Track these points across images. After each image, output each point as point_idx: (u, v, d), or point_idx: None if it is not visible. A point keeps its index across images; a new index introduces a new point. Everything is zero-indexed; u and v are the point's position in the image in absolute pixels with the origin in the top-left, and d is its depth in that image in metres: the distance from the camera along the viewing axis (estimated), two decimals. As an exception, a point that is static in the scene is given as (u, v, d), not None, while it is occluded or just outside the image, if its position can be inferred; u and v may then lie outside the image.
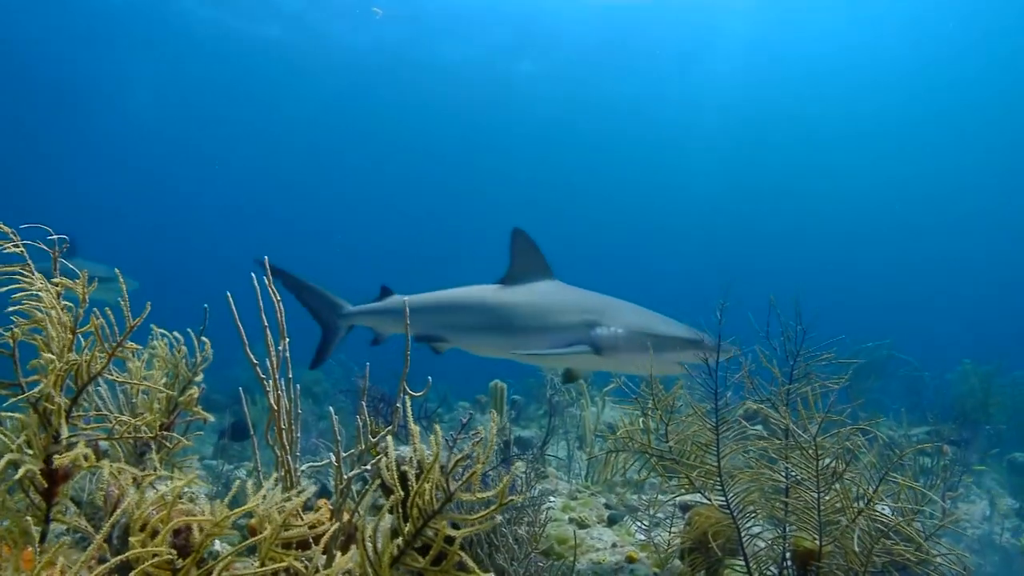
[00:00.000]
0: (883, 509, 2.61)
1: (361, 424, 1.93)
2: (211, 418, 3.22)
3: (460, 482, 1.60)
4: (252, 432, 2.39)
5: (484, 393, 9.16)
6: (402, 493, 1.70)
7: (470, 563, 1.62)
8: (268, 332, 2.08)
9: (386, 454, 1.70)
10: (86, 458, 1.70)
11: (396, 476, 1.72)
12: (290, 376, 2.14)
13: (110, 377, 2.11)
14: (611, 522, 5.05)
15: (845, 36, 31.48)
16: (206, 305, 3.18)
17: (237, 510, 1.76)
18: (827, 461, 2.42)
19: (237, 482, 1.83)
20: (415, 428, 1.69)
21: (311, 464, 2.26)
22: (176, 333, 2.99)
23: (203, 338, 3.24)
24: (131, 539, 1.82)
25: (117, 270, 2.10)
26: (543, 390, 7.20)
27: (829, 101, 37.09)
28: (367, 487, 1.99)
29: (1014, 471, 7.23)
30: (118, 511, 2.35)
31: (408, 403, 1.77)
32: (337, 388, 8.49)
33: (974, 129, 36.21)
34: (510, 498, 1.53)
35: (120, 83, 33.39)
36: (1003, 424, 8.09)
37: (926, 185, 43.02)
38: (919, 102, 35.52)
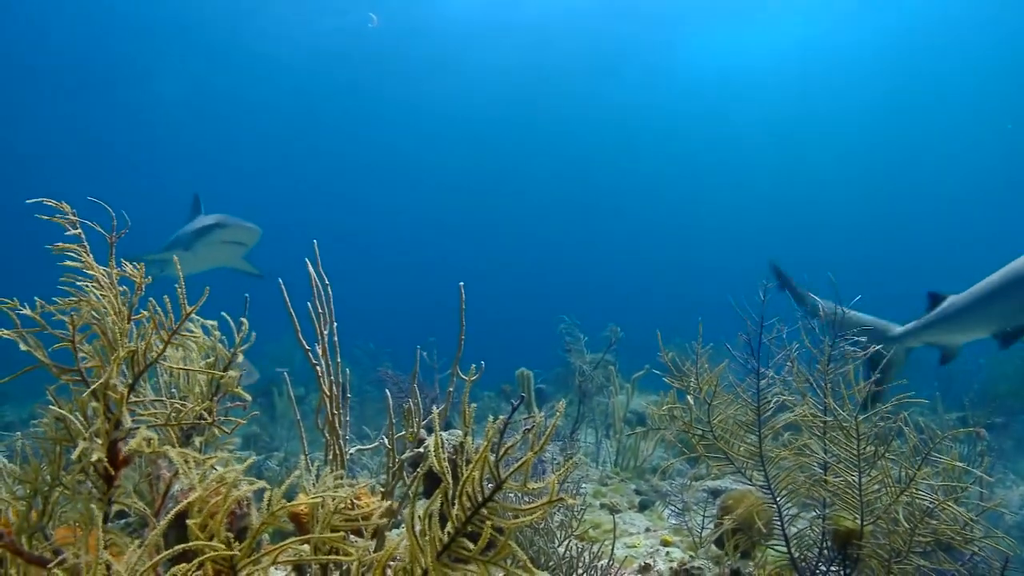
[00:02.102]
0: (923, 490, 2.60)
1: (412, 407, 1.95)
2: (249, 402, 3.29)
3: (511, 470, 1.61)
4: (299, 418, 2.43)
5: (509, 382, 9.19)
6: (451, 481, 1.71)
7: (520, 554, 1.64)
8: (317, 318, 2.12)
9: (436, 438, 1.72)
10: (149, 443, 1.74)
11: (445, 462, 1.73)
12: (338, 360, 2.18)
13: (161, 364, 2.16)
14: (642, 507, 5.08)
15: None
16: (247, 295, 3.25)
17: (292, 504, 1.79)
18: (866, 443, 2.42)
19: (296, 472, 1.86)
20: (470, 409, 1.71)
21: (359, 448, 2.30)
22: (212, 322, 3.05)
23: (243, 319, 3.30)
24: (188, 521, 1.87)
25: (175, 256, 2.15)
26: (571, 379, 7.22)
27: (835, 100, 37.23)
28: (416, 473, 2.02)
29: (1049, 456, 7.12)
30: (172, 494, 2.41)
31: (466, 387, 1.79)
32: (364, 379, 8.55)
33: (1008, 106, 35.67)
34: (561, 496, 1.54)
35: (147, 74, 33.73)
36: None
37: (961, 165, 42.51)
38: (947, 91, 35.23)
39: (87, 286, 2.14)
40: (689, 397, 2.78)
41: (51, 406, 2.07)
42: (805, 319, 2.80)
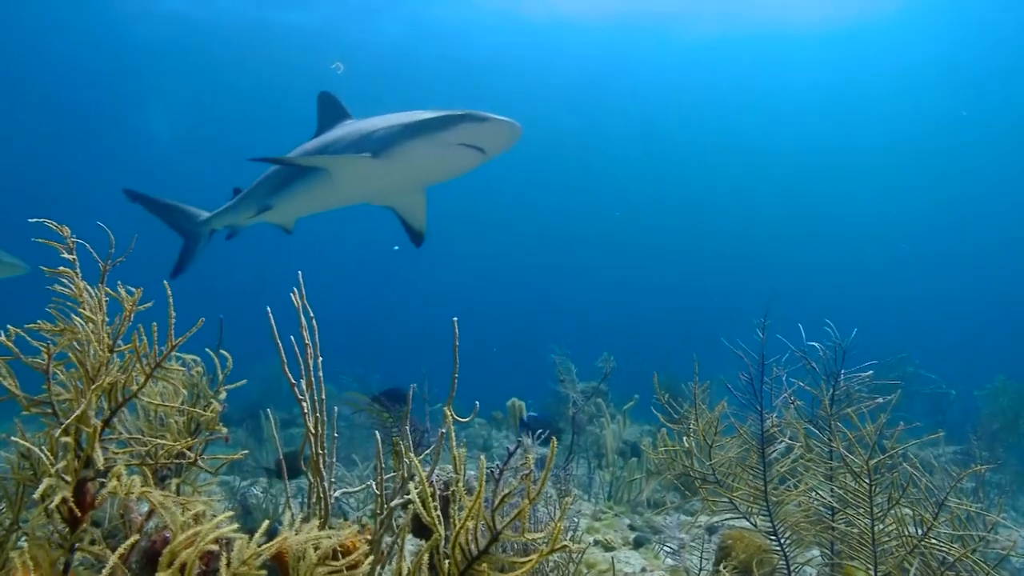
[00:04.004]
0: (935, 536, 2.50)
1: (404, 449, 1.84)
2: (231, 436, 3.15)
3: (507, 520, 1.50)
4: (282, 458, 2.31)
5: (499, 409, 9.05)
6: (442, 531, 1.60)
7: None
8: (302, 350, 2.01)
9: (419, 485, 1.60)
10: (124, 484, 1.62)
11: (436, 510, 1.62)
12: (323, 397, 2.07)
13: (140, 399, 2.04)
14: (637, 544, 4.93)
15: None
16: (221, 316, 3.10)
17: (267, 547, 1.67)
18: (879, 489, 2.32)
19: (265, 523, 1.74)
20: (459, 454, 1.60)
21: (345, 491, 2.18)
22: (194, 356, 2.92)
23: (223, 351, 3.16)
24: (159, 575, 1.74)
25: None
26: (561, 407, 7.09)
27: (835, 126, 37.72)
28: (402, 526, 1.90)
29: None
30: (138, 534, 2.27)
31: (452, 428, 1.68)
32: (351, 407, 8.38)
33: (1002, 140, 36.15)
34: (563, 543, 1.43)
35: (137, 107, 33.87)
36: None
37: (953, 198, 42.90)
38: (943, 118, 35.69)
39: (72, 316, 2.04)
40: (687, 439, 2.68)
41: (15, 437, 1.94)
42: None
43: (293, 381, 1.88)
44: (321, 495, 1.99)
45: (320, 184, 6.09)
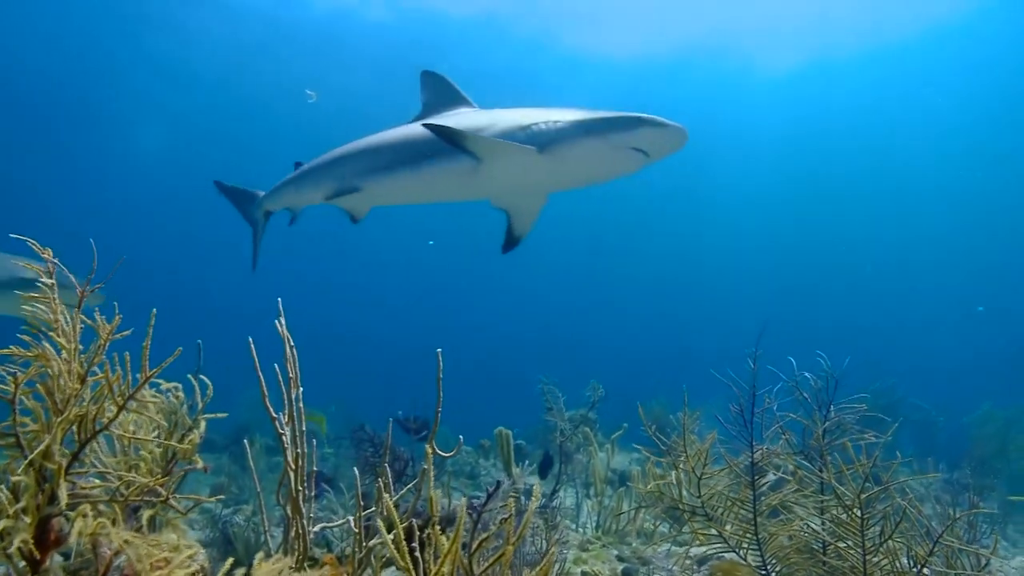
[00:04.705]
0: (927, 571, 2.45)
1: (382, 485, 1.78)
2: (210, 467, 3.06)
3: (485, 566, 1.45)
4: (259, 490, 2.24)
5: (487, 437, 8.95)
6: None
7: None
8: (285, 383, 1.95)
9: (398, 532, 1.54)
10: (89, 524, 1.55)
11: (407, 558, 1.56)
12: (303, 429, 2.01)
13: (110, 432, 1.97)
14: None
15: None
16: (199, 341, 3.02)
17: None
18: (872, 522, 2.28)
19: (230, 560, 1.67)
20: (435, 495, 1.54)
21: (324, 526, 2.11)
22: (176, 384, 2.84)
23: (203, 377, 3.07)
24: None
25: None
26: (549, 435, 7.01)
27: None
28: (385, 550, 1.83)
29: (1037, 521, 7.01)
30: (107, 570, 2.19)
31: (432, 471, 1.62)
32: (337, 434, 8.28)
33: (995, 168, 36.65)
34: None
35: (130, 116, 33.71)
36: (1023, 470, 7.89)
37: (940, 226, 43.37)
38: (941, 149, 36.26)
39: (44, 343, 1.98)
40: (675, 473, 2.63)
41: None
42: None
43: (274, 415, 1.82)
44: (300, 531, 1.93)
45: (457, 170, 5.42)
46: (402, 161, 5.67)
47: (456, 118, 5.64)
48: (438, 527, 1.38)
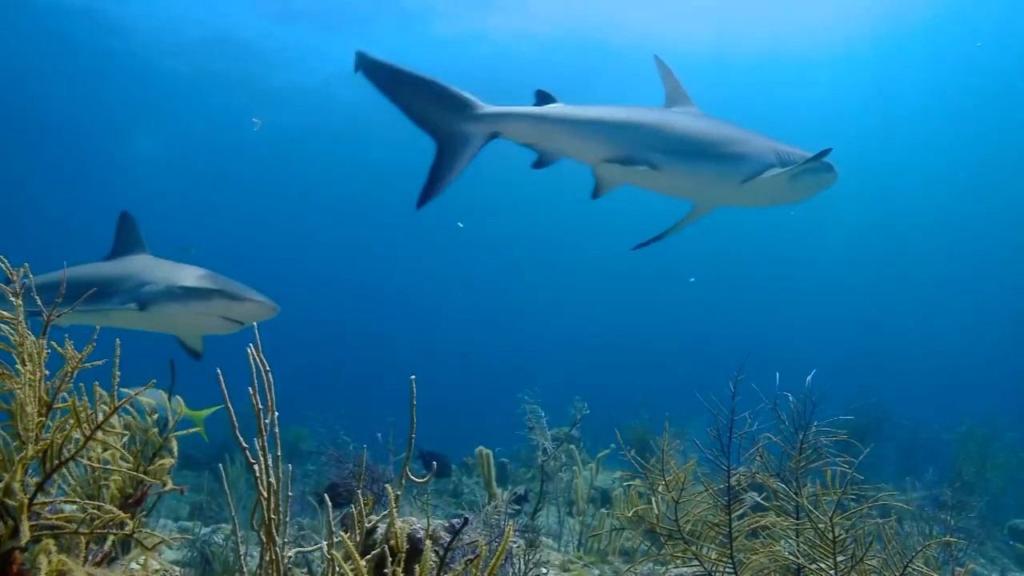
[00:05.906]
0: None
1: (356, 512, 1.77)
2: (186, 488, 3.00)
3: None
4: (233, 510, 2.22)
5: (470, 454, 8.92)
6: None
7: None
8: (263, 409, 1.94)
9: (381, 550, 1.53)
10: (53, 562, 1.53)
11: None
12: (278, 454, 1.99)
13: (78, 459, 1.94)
14: (607, 596, 4.83)
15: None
16: (171, 359, 2.98)
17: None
18: (846, 544, 2.29)
19: None
20: (399, 529, 1.53)
21: (299, 550, 2.09)
22: (150, 400, 2.79)
23: (177, 397, 3.02)
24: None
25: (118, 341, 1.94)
26: (531, 454, 6.99)
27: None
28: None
29: (1016, 538, 7.05)
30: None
31: (395, 504, 1.62)
32: (320, 450, 8.19)
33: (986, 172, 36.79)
34: None
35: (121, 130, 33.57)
36: (1002, 488, 7.96)
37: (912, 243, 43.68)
38: (920, 144, 36.34)
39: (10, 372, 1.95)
40: (655, 498, 2.64)
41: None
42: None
43: (244, 445, 1.81)
44: (273, 557, 1.91)
45: (757, 182, 5.32)
46: (715, 158, 5.40)
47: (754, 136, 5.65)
48: (401, 565, 1.37)
